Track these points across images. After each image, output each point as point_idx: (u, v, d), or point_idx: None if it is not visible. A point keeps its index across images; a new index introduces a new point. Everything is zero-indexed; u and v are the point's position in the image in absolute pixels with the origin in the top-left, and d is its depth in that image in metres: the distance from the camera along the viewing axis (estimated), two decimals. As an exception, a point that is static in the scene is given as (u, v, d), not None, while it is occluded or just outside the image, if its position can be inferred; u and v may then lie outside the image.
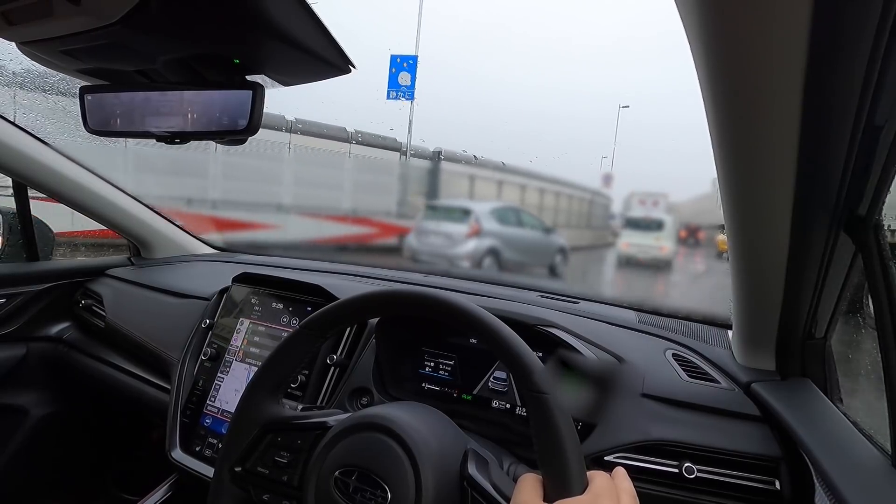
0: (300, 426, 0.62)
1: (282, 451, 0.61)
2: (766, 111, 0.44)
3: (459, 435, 0.63)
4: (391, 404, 0.69)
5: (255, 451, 0.63)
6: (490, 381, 0.89)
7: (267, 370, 0.66)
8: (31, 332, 1.29)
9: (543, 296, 1.12)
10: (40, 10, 0.40)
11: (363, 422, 0.59)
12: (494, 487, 0.55)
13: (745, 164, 0.52)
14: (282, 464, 0.61)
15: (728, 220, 0.61)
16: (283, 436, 0.62)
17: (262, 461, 0.62)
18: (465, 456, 0.58)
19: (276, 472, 0.61)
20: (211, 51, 0.48)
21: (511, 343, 0.55)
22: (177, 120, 0.51)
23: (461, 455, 0.58)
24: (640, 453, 0.73)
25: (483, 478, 0.55)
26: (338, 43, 0.45)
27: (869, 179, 0.54)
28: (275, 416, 0.64)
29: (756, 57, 0.40)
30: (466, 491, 0.55)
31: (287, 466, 0.61)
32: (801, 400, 0.72)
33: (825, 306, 0.70)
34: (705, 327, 0.98)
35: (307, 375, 0.94)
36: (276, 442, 0.62)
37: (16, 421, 1.28)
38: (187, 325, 1.12)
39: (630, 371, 0.81)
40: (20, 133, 1.14)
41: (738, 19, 0.37)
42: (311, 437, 0.61)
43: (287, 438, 0.62)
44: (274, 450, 0.62)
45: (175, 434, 1.00)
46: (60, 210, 1.34)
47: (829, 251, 0.62)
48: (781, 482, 0.68)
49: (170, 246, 1.50)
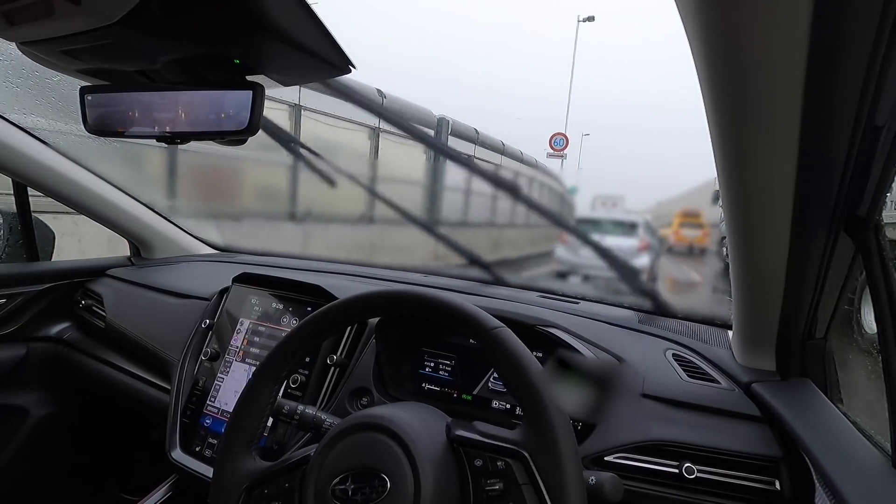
0: (283, 470, 0.61)
1: (273, 502, 0.60)
2: (766, 111, 0.44)
3: (439, 414, 0.64)
4: (380, 406, 0.70)
5: None
6: (490, 382, 0.89)
7: (234, 429, 0.65)
8: (31, 332, 1.29)
9: (543, 296, 1.11)
10: (40, 10, 0.40)
11: (356, 423, 0.59)
12: (481, 434, 0.56)
13: (745, 165, 0.52)
14: None
15: (728, 220, 0.61)
16: (269, 486, 0.61)
17: None
18: (447, 427, 0.59)
19: None
20: (211, 51, 0.48)
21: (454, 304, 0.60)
22: (177, 120, 0.51)
23: (444, 428, 0.59)
24: (640, 453, 0.73)
25: (468, 432, 0.57)
26: (338, 43, 0.45)
27: (869, 179, 0.54)
28: (255, 472, 0.63)
29: (756, 57, 0.40)
30: (458, 451, 0.56)
31: None
32: (801, 400, 0.72)
33: (825, 306, 0.70)
34: (705, 327, 0.98)
35: (307, 376, 0.94)
36: (265, 495, 0.61)
37: (16, 421, 1.27)
38: (187, 326, 1.12)
39: (630, 371, 0.81)
40: (20, 133, 1.14)
41: (738, 19, 0.37)
42: (298, 474, 0.60)
43: (274, 487, 0.61)
44: (264, 503, 0.61)
45: (175, 434, 1.00)
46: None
47: (829, 251, 0.62)
48: (781, 482, 0.68)
49: (170, 246, 1.50)
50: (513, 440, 0.54)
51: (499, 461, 0.54)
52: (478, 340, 0.59)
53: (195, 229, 1.58)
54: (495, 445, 0.55)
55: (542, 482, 0.51)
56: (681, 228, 8.47)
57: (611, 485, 0.54)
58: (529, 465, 0.52)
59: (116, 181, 1.34)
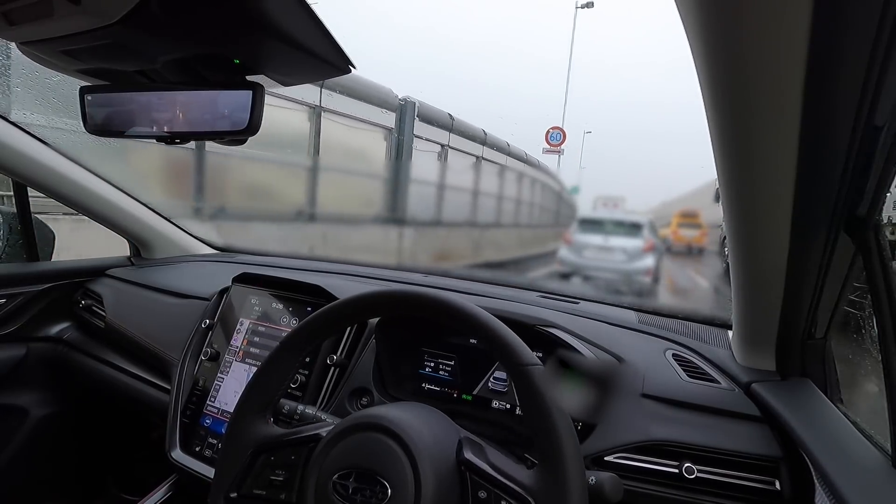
0: (293, 441, 0.61)
1: (277, 471, 0.60)
2: (766, 112, 0.44)
3: (452, 426, 0.63)
4: (384, 405, 0.70)
5: (250, 474, 0.62)
6: (490, 382, 0.89)
7: (252, 390, 0.65)
8: (31, 332, 1.29)
9: (543, 296, 1.11)
10: (41, 10, 0.40)
11: (358, 422, 0.58)
12: (491, 466, 0.55)
13: (745, 165, 0.52)
14: (278, 483, 0.60)
15: (728, 220, 0.61)
16: (276, 455, 0.61)
17: (257, 483, 0.61)
18: (459, 444, 0.58)
19: (273, 492, 0.60)
20: (211, 51, 0.48)
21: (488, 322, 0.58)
22: (177, 120, 0.51)
23: (456, 444, 0.58)
24: (641, 453, 0.73)
25: (480, 459, 0.56)
26: (337, 43, 0.45)
27: (869, 179, 0.54)
28: (266, 436, 0.63)
29: (756, 57, 0.40)
30: (465, 475, 0.56)
31: (284, 485, 0.60)
32: (801, 400, 0.72)
33: (825, 306, 0.70)
34: (705, 327, 0.98)
35: (307, 376, 0.94)
36: (270, 462, 0.61)
37: (16, 421, 1.27)
38: (187, 326, 1.12)
39: (630, 371, 0.81)
40: (20, 133, 1.14)
41: (738, 20, 0.37)
42: (305, 450, 0.60)
43: (281, 457, 0.61)
44: (269, 470, 0.61)
45: (175, 434, 1.00)
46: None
47: (829, 251, 0.62)
48: (781, 482, 0.68)
49: (170, 246, 1.50)
50: (523, 483, 0.53)
51: (503, 501, 0.53)
52: (508, 369, 0.58)
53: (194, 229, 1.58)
54: (504, 484, 0.54)
55: None
56: (679, 229, 8.48)
57: (611, 485, 0.54)
58: None
59: (116, 181, 1.35)
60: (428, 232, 6.03)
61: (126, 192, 1.38)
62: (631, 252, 5.72)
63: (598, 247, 5.85)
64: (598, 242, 5.86)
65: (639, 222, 6.03)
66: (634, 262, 5.67)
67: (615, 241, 5.81)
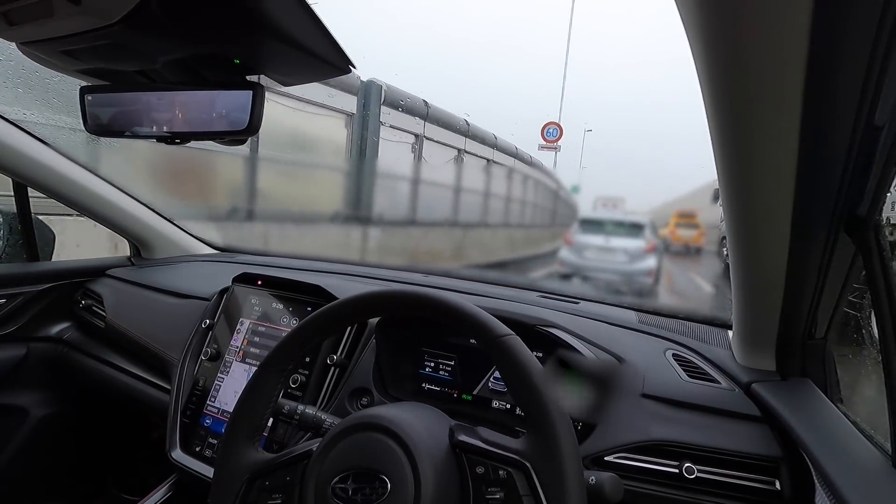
0: (285, 463, 0.61)
1: (274, 494, 0.60)
2: (766, 112, 0.44)
3: (443, 416, 0.63)
4: (381, 406, 0.70)
5: (247, 501, 0.61)
6: (490, 382, 0.89)
7: (238, 418, 0.65)
8: (31, 332, 1.29)
9: (543, 296, 1.12)
10: (41, 11, 0.40)
11: (352, 424, 0.59)
12: (483, 441, 0.56)
13: (745, 165, 0.52)
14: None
15: (728, 220, 0.61)
16: (271, 479, 0.61)
17: None
18: (451, 430, 0.59)
19: None
20: (211, 51, 0.48)
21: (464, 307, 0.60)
22: (177, 120, 0.51)
23: (447, 431, 0.59)
24: (641, 453, 0.73)
25: (472, 438, 0.57)
26: (338, 43, 0.45)
27: (869, 179, 0.54)
28: (257, 462, 0.62)
29: (756, 57, 0.40)
30: (461, 457, 0.56)
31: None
32: (801, 400, 0.72)
33: (825, 306, 0.70)
34: (705, 327, 0.98)
35: (307, 376, 0.94)
36: (266, 486, 0.61)
37: (16, 421, 1.27)
38: (187, 326, 1.12)
39: (630, 371, 0.81)
40: (20, 133, 1.14)
41: (738, 20, 0.37)
42: (299, 468, 0.60)
43: (275, 479, 0.61)
44: (265, 495, 0.60)
45: (175, 434, 1.00)
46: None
47: (829, 251, 0.62)
48: (782, 482, 0.68)
49: (170, 246, 1.50)
50: (516, 450, 0.54)
51: (501, 470, 0.54)
52: (485, 346, 0.59)
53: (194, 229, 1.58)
54: (498, 454, 0.54)
55: (543, 495, 0.51)
56: (677, 228, 8.50)
57: (611, 485, 0.54)
58: (531, 477, 0.52)
59: (116, 181, 1.35)
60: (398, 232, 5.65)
61: (126, 192, 1.38)
62: (633, 253, 5.70)
63: (600, 247, 5.83)
64: (600, 243, 5.84)
65: (640, 223, 6.01)
66: (636, 262, 5.65)
67: (617, 242, 5.78)
